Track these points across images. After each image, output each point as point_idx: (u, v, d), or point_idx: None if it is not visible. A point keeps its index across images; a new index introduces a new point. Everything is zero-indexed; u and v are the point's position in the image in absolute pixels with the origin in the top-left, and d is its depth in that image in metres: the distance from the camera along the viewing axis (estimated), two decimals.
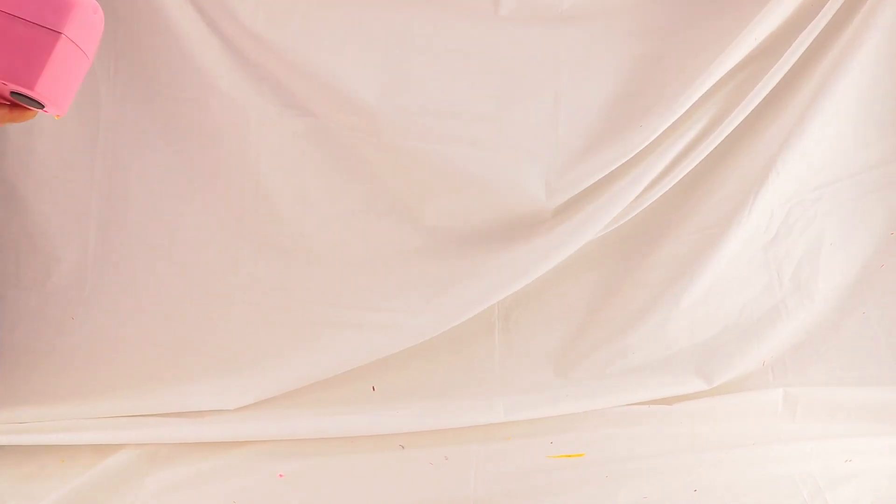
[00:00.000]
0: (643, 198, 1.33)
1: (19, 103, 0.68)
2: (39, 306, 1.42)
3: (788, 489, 1.08)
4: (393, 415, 1.30)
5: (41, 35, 0.64)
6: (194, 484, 1.12)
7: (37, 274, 1.43)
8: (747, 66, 1.30)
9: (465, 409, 1.29)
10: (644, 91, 1.34)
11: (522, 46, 1.34)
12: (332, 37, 1.33)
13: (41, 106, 0.68)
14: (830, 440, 1.17)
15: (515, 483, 1.11)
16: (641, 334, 1.35)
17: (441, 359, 1.38)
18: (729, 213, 1.33)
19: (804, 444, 1.17)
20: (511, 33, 1.34)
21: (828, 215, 1.36)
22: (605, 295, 1.40)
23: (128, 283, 1.42)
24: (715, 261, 1.33)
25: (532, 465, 1.14)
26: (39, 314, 1.42)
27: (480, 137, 1.34)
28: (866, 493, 1.08)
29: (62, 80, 0.67)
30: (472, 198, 1.37)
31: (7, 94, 0.67)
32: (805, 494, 1.07)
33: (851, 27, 1.25)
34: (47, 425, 1.27)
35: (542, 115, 1.35)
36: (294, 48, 1.32)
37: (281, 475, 1.16)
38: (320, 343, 1.38)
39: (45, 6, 0.64)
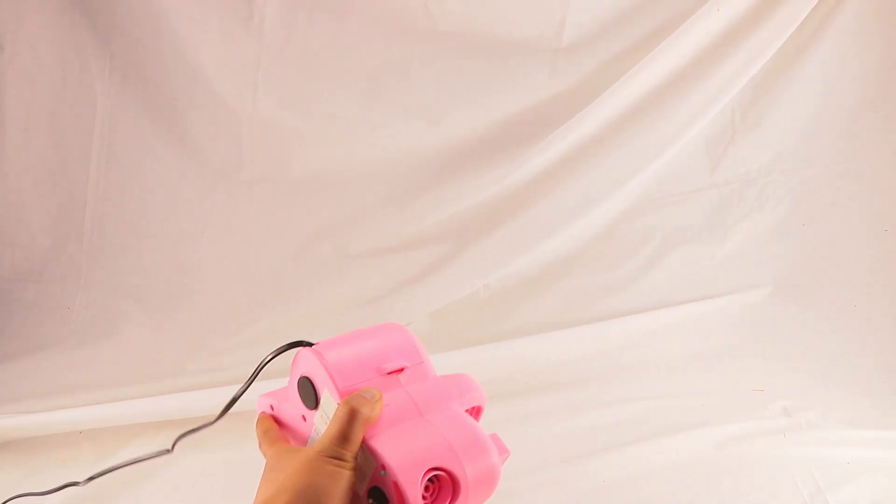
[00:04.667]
0: None
1: None
2: (36, 297, 1.43)
3: (788, 489, 1.08)
4: None
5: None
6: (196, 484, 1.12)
7: (33, 265, 1.44)
8: None
9: None
10: None
11: None
12: None
13: None
14: (830, 440, 1.17)
15: (515, 481, 1.10)
16: None
17: None
18: None
19: (804, 444, 1.16)
20: None
21: None
22: None
23: (122, 274, 1.44)
24: None
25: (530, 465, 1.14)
26: (36, 305, 1.43)
27: None
28: (866, 493, 1.07)
29: None
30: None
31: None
32: (805, 494, 1.07)
33: None
34: (45, 416, 1.26)
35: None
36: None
37: None
38: (311, 326, 1.39)
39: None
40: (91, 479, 0.81)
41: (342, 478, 0.52)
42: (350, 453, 0.53)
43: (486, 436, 0.55)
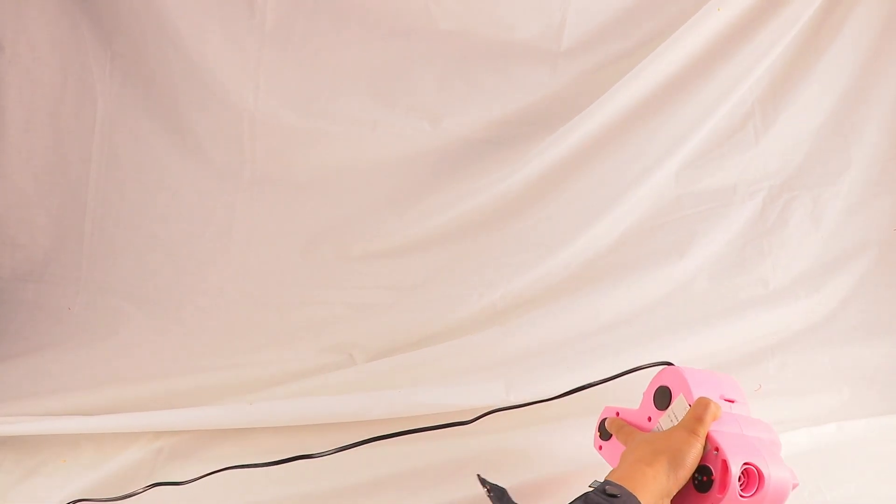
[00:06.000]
0: None
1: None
2: (36, 298, 1.44)
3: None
4: None
5: None
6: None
7: (34, 266, 1.45)
8: None
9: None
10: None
11: None
12: None
13: None
14: (830, 439, 1.17)
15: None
16: None
17: None
18: None
19: (804, 443, 1.16)
20: None
21: None
22: None
23: (123, 275, 1.44)
24: None
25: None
26: (36, 305, 1.43)
27: None
28: (866, 492, 1.08)
29: None
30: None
31: None
32: (805, 494, 1.07)
33: None
34: (45, 419, 1.26)
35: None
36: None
37: None
38: (311, 330, 1.39)
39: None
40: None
41: (695, 447, 0.74)
42: (703, 431, 0.75)
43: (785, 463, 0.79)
